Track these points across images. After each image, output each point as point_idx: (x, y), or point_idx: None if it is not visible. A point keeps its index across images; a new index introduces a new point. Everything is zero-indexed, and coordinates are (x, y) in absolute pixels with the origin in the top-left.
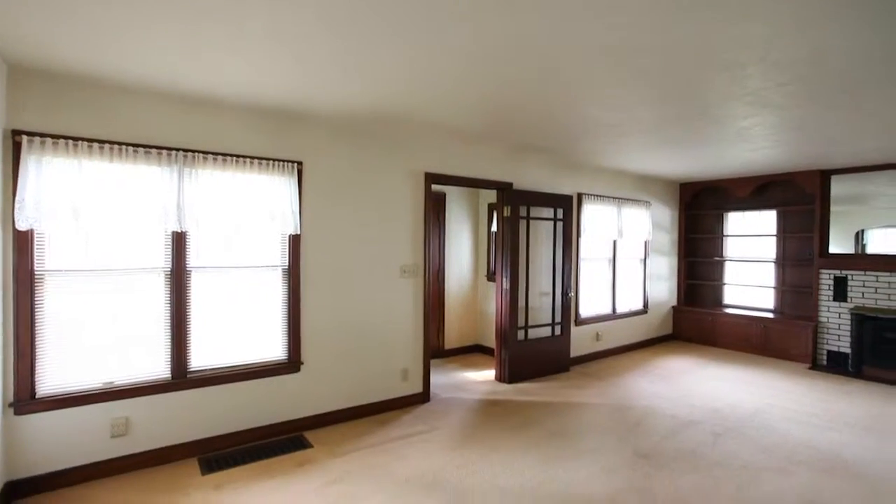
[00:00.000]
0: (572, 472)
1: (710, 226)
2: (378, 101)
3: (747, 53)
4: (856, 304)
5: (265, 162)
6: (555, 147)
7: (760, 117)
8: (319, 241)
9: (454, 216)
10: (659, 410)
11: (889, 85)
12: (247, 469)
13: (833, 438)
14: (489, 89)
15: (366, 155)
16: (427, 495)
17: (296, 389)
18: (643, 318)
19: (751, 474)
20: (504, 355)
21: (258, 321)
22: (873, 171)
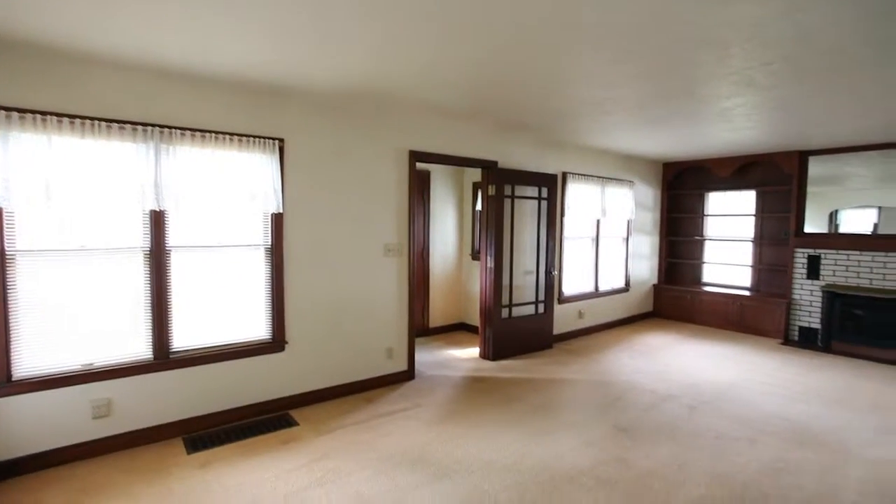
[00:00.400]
0: (554, 446)
1: (692, 205)
2: (360, 77)
3: (733, 33)
4: (827, 281)
5: (246, 139)
6: (540, 125)
7: (744, 97)
8: (302, 219)
9: (439, 195)
10: (638, 385)
11: (870, 66)
12: (232, 447)
13: (802, 410)
14: (474, 66)
15: (349, 132)
16: (412, 470)
17: (281, 368)
18: (625, 296)
19: (724, 445)
20: (488, 333)
21: (241, 301)
22: (849, 153)
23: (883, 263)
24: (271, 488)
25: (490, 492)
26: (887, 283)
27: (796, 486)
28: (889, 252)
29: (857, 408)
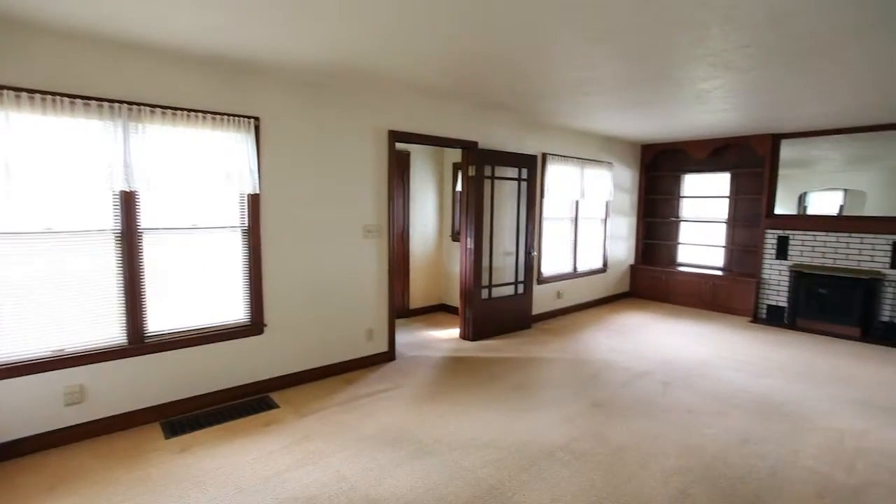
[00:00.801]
0: (533, 422)
1: (669, 187)
2: (335, 53)
3: (710, 15)
4: (795, 261)
5: (220, 117)
6: (521, 106)
7: (721, 80)
8: (280, 200)
9: (419, 175)
10: (615, 363)
11: (840, 51)
12: (212, 431)
13: (767, 384)
14: (455, 45)
15: (328, 111)
16: (393, 449)
17: (260, 351)
18: (602, 276)
19: (694, 418)
20: (468, 314)
21: (219, 284)
22: (820, 136)
23: (846, 244)
24: (252, 470)
25: (470, 468)
26: (849, 263)
27: (760, 456)
28: (852, 233)
29: (818, 381)
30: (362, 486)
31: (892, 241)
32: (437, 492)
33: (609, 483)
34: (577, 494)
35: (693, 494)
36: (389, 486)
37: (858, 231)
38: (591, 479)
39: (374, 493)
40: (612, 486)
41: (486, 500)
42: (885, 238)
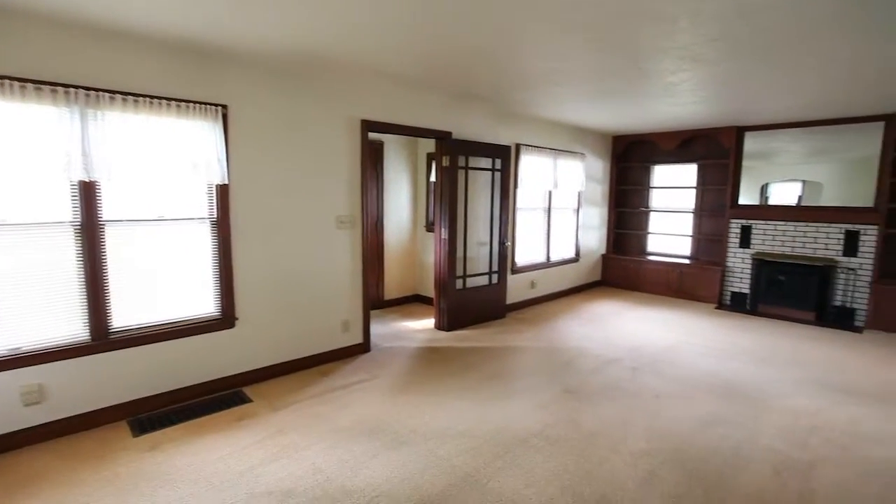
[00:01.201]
0: (507, 410)
1: (639, 178)
2: (304, 41)
3: (679, 7)
4: (757, 250)
5: (185, 105)
6: (494, 96)
7: (689, 72)
8: (250, 191)
9: (392, 166)
10: (587, 350)
11: (804, 45)
12: (183, 427)
13: (731, 368)
14: (425, 34)
15: (298, 100)
16: (369, 440)
17: (232, 345)
18: (575, 265)
19: (661, 402)
20: (443, 304)
21: (187, 277)
22: (781, 129)
23: (804, 233)
24: (225, 466)
25: (445, 457)
26: (806, 251)
27: (723, 436)
28: (810, 222)
29: (777, 363)
30: (338, 477)
31: (844, 229)
32: (412, 481)
33: (581, 467)
34: (550, 479)
35: (661, 475)
36: (365, 477)
37: (815, 220)
38: (564, 464)
39: (350, 485)
40: (584, 470)
41: (461, 487)
42: (838, 227)
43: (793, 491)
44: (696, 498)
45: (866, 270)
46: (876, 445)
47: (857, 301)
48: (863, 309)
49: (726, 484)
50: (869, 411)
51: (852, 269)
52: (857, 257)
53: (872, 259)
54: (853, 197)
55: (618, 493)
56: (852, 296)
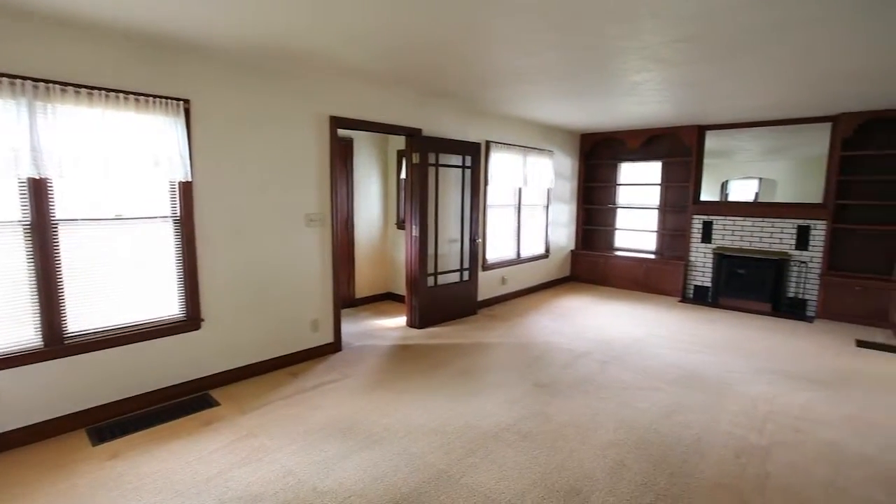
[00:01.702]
0: (479, 406)
1: (606, 175)
2: (274, 35)
3: (644, 7)
4: (717, 244)
5: (145, 99)
6: (464, 94)
7: (652, 72)
8: (215, 188)
9: (362, 163)
10: (557, 345)
11: (760, 47)
12: (146, 434)
13: (694, 358)
14: (396, 30)
15: (265, 95)
16: (341, 440)
17: (197, 347)
18: (545, 261)
19: (629, 394)
20: (414, 301)
21: (149, 278)
22: (740, 129)
23: (760, 228)
24: (192, 472)
25: (419, 454)
26: (762, 245)
27: (687, 424)
28: (766, 217)
29: (737, 353)
30: (310, 479)
31: (797, 225)
32: (386, 480)
33: (552, 460)
34: (522, 472)
35: (628, 464)
36: (338, 478)
37: (770, 216)
38: (536, 457)
39: (322, 486)
40: (555, 462)
41: (435, 484)
42: (791, 222)
43: (751, 474)
44: (661, 484)
45: (816, 263)
46: (825, 428)
47: (809, 292)
48: (813, 300)
49: (689, 470)
50: (819, 396)
51: (804, 262)
52: (808, 251)
53: (822, 252)
54: (804, 193)
55: (587, 483)
56: (804, 287)
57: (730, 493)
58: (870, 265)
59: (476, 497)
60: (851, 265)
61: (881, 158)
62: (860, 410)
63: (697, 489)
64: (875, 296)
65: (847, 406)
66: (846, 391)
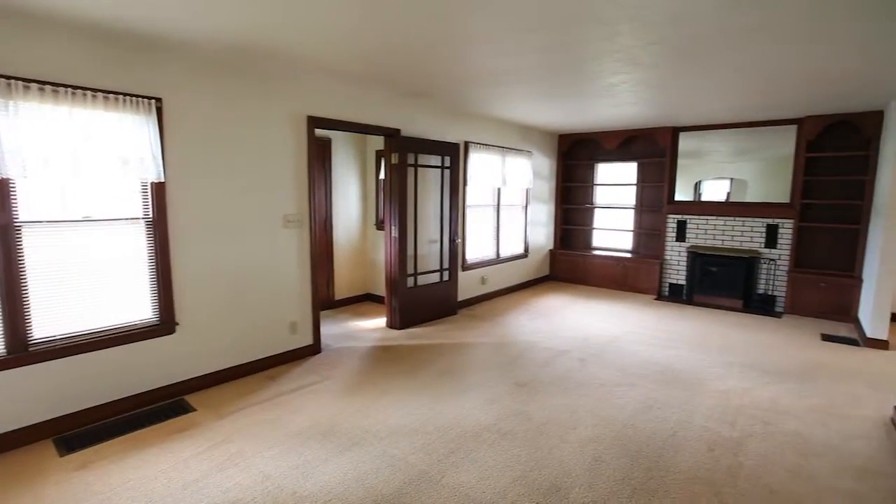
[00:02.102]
0: (460, 406)
1: (583, 175)
2: (250, 33)
3: (620, 11)
4: (691, 243)
5: (114, 97)
6: (443, 94)
7: (628, 75)
8: (190, 189)
9: (341, 163)
10: (536, 344)
11: (727, 52)
12: (118, 442)
13: (670, 354)
14: (375, 29)
15: (241, 94)
16: (321, 443)
17: (172, 352)
18: (524, 261)
19: (607, 390)
20: (394, 302)
21: (120, 281)
22: (712, 130)
23: (732, 227)
24: (167, 480)
25: (400, 455)
26: (734, 244)
27: (662, 419)
28: (737, 217)
29: (710, 349)
30: (289, 484)
31: (766, 223)
32: (367, 481)
33: (532, 457)
34: (503, 471)
35: (606, 460)
36: (318, 482)
37: (741, 215)
38: (517, 455)
39: (302, 490)
40: (535, 459)
41: (416, 484)
42: (761, 221)
43: (723, 465)
44: (638, 478)
45: (784, 261)
46: (791, 419)
47: (778, 289)
48: (782, 296)
49: (665, 463)
50: (787, 389)
51: (773, 260)
52: (777, 249)
53: (789, 250)
54: (773, 193)
55: (567, 479)
56: (773, 284)
57: (704, 485)
58: (833, 262)
59: (457, 497)
60: (816, 262)
61: (842, 160)
62: (825, 401)
63: (673, 482)
64: (838, 291)
65: (813, 398)
66: (812, 383)
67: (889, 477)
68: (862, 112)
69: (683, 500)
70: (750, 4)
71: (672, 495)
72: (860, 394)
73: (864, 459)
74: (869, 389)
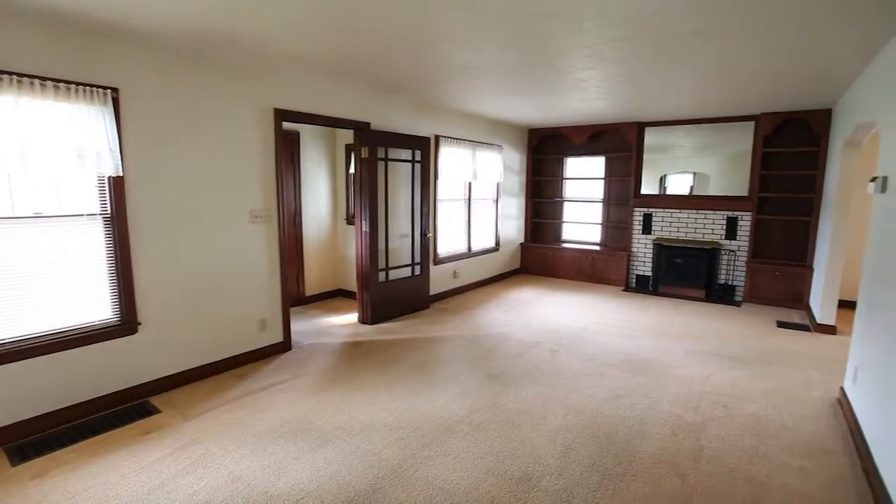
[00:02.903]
0: (433, 399)
1: (553, 169)
2: (208, 18)
3: (585, 8)
4: (657, 235)
5: (65, 86)
6: (413, 88)
7: (595, 70)
8: (152, 184)
9: (310, 157)
10: (508, 336)
11: (687, 51)
12: (78, 448)
13: (637, 343)
14: (343, 20)
15: (205, 85)
16: (292, 441)
17: (134, 353)
18: (495, 254)
19: (577, 380)
20: (366, 298)
21: (76, 280)
22: (675, 125)
23: (695, 219)
24: (130, 486)
25: (373, 451)
26: (697, 236)
27: (630, 406)
28: (700, 210)
29: (674, 337)
30: (260, 483)
31: (726, 216)
32: (340, 478)
33: (505, 448)
34: (476, 462)
35: (576, 448)
36: (290, 480)
37: (703, 208)
38: (490, 447)
39: (273, 490)
40: (508, 450)
41: (390, 479)
42: (721, 214)
43: (687, 448)
44: (607, 464)
45: (743, 252)
46: (749, 403)
47: (737, 279)
48: (741, 285)
49: (633, 448)
50: (745, 374)
51: (733, 251)
52: (737, 240)
53: (748, 241)
54: (733, 187)
55: (539, 468)
56: (733, 274)
57: (668, 467)
58: (788, 252)
59: (431, 489)
60: (773, 253)
61: (795, 155)
62: (779, 385)
63: (640, 466)
64: (792, 280)
65: (768, 382)
66: (768, 368)
67: (834, 454)
68: (813, 110)
69: (649, 483)
70: (707, 7)
71: (639, 479)
72: (811, 377)
73: (812, 438)
74: (818, 373)
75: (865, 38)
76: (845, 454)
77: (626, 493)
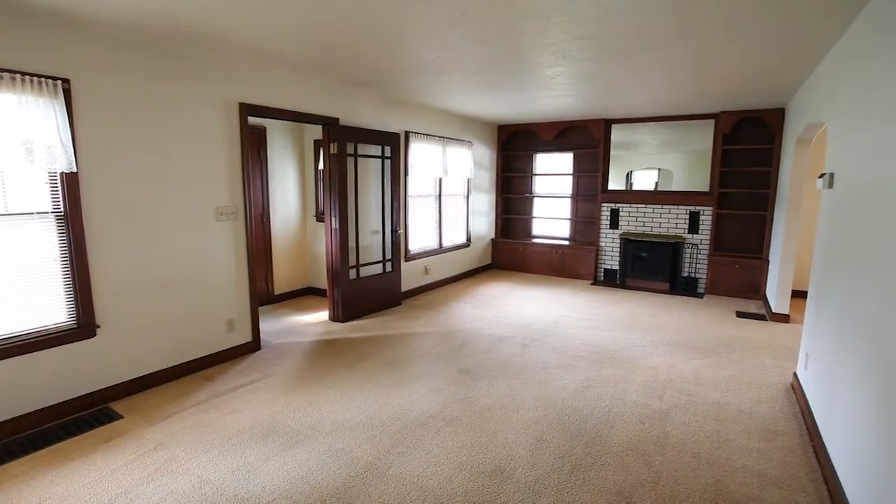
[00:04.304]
0: (405, 396)
1: (523, 165)
2: (173, 10)
3: (551, 5)
4: (624, 230)
5: (9, 76)
6: (383, 83)
7: (562, 67)
8: (108, 180)
9: (278, 153)
10: (480, 331)
11: (652, 51)
12: (33, 459)
13: (605, 336)
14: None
15: (166, 77)
16: (263, 443)
17: (93, 357)
18: (466, 250)
19: (548, 373)
20: (336, 295)
21: (26, 282)
22: (640, 123)
23: (660, 214)
24: (89, 496)
25: (345, 449)
26: (661, 230)
27: (599, 397)
28: (664, 205)
29: (641, 329)
30: (230, 487)
31: (689, 211)
32: (312, 478)
33: (477, 442)
34: (449, 457)
35: (547, 439)
36: (261, 482)
37: (667, 203)
38: (462, 442)
39: (243, 493)
40: (480, 444)
41: (363, 477)
42: (685, 209)
43: (653, 436)
44: (577, 454)
45: (705, 245)
46: (711, 390)
47: (699, 271)
48: (703, 278)
49: (602, 438)
50: (706, 362)
51: (695, 245)
52: (699, 234)
53: (709, 235)
54: (695, 183)
55: (511, 461)
56: (696, 267)
57: (636, 455)
58: (746, 245)
59: (404, 485)
60: (732, 246)
61: (752, 152)
62: (738, 372)
63: (609, 455)
64: (750, 272)
65: (728, 369)
66: (728, 356)
67: (787, 435)
68: (768, 109)
69: (618, 471)
70: (666, 8)
71: (608, 467)
72: (767, 364)
73: (768, 421)
74: (774, 360)
75: (813, 42)
76: (797, 435)
77: (596, 482)
